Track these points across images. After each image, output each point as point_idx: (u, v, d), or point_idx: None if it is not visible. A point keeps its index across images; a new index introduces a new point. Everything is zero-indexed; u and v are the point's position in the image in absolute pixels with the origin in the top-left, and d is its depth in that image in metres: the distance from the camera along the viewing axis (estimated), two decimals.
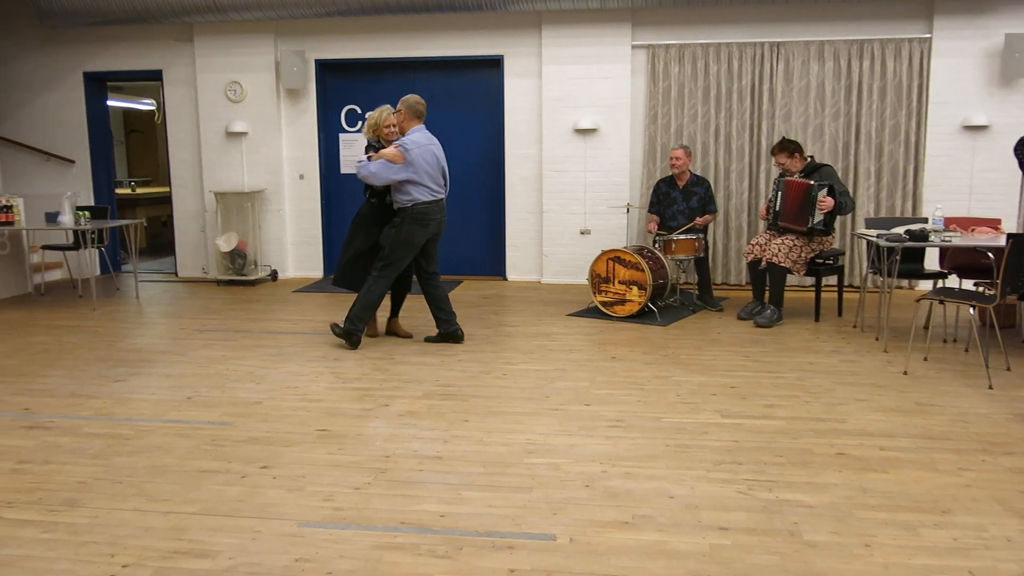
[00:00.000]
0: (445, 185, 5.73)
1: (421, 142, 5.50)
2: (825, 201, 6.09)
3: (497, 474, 3.50)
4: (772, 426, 4.09)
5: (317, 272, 8.82)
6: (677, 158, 6.89)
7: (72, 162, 9.01)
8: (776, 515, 3.10)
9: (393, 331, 6.11)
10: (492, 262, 8.71)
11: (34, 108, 9.00)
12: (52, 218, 7.27)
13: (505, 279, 8.58)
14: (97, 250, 8.90)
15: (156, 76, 8.87)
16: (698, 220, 6.89)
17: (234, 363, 5.29)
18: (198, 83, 8.61)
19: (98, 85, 9.12)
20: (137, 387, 4.77)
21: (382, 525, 3.02)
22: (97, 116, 9.10)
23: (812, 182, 6.16)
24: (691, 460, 3.66)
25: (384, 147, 5.62)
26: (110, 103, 9.66)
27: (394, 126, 5.67)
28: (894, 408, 4.37)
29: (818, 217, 6.15)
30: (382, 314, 6.33)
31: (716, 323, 6.47)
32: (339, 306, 7.24)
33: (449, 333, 5.81)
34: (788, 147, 6.41)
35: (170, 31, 8.65)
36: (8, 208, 7.20)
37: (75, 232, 7.88)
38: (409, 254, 5.60)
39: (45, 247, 8.09)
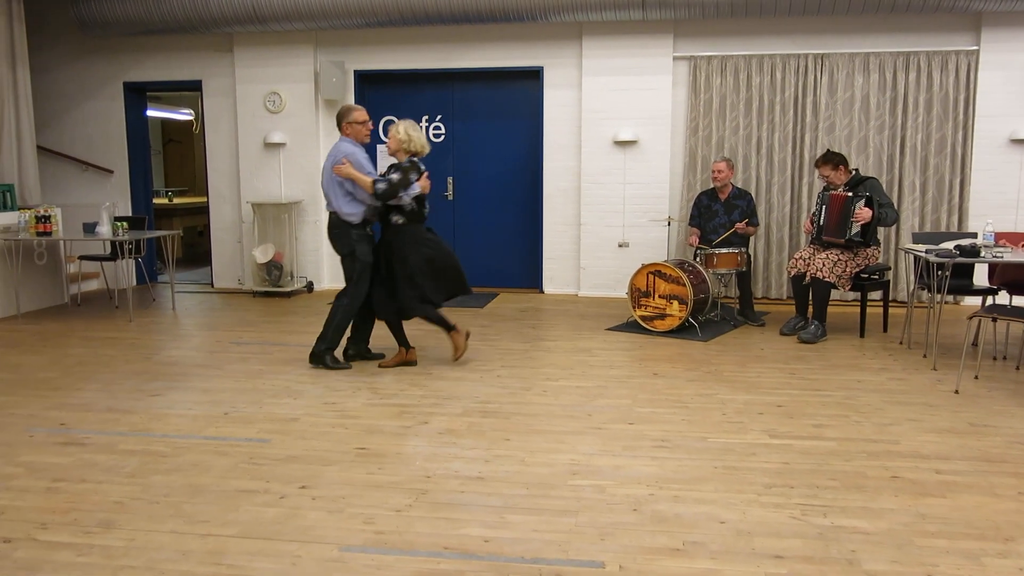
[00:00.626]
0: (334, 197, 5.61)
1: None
2: (862, 212, 5.94)
3: (541, 496, 3.40)
4: (823, 447, 3.95)
5: None
6: (720, 171, 6.76)
7: (111, 172, 9.08)
8: (833, 542, 2.96)
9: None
10: (529, 274, 8.62)
11: (74, 118, 9.09)
12: (90, 228, 7.31)
13: (542, 292, 8.48)
14: (134, 261, 8.95)
15: (196, 86, 8.92)
16: (739, 225, 6.74)
17: (271, 377, 5.25)
18: (237, 93, 8.65)
19: (137, 95, 9.20)
20: (174, 402, 4.74)
21: (425, 550, 2.94)
22: (136, 126, 9.18)
23: (850, 194, 6.02)
24: (741, 483, 3.53)
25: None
26: (149, 113, 9.73)
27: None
28: (947, 429, 4.21)
29: (855, 229, 6.01)
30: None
31: (758, 339, 6.32)
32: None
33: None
34: (832, 159, 6.26)
35: (210, 41, 8.69)
36: (47, 218, 7.24)
37: (112, 242, 7.92)
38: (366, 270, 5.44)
39: (82, 257, 8.14)
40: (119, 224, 7.29)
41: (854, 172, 6.32)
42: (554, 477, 3.60)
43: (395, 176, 5.31)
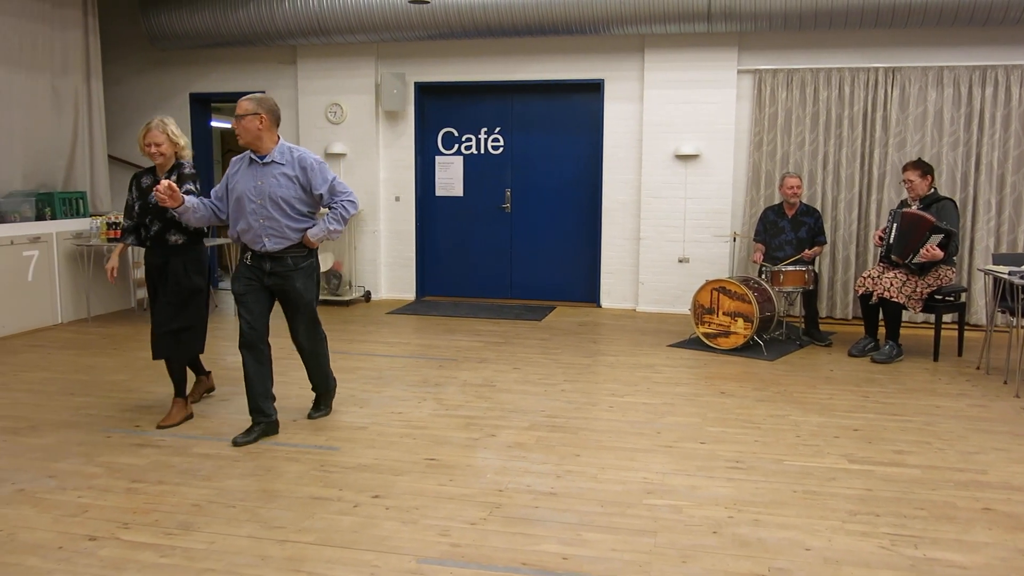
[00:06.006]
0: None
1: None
2: (933, 251, 5.78)
3: (617, 515, 3.33)
4: (906, 475, 3.81)
5: (409, 294, 8.82)
6: (796, 187, 6.64)
7: None
8: None
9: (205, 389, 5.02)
10: (586, 288, 8.55)
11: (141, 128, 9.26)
12: None
13: (599, 306, 8.41)
14: None
15: None
16: (807, 252, 6.61)
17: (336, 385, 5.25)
18: (299, 105, 8.75)
19: (203, 106, 9.37)
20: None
21: (503, 565, 2.89)
22: (201, 136, 9.34)
23: (932, 219, 5.83)
24: (823, 509, 3.42)
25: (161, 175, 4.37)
26: (212, 123, 9.90)
27: (159, 144, 4.34)
28: None
29: (916, 259, 5.86)
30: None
31: (826, 359, 6.17)
32: (433, 329, 7.18)
33: (273, 422, 4.33)
34: (922, 165, 6.08)
35: (274, 54, 8.82)
36: (117, 225, 7.40)
37: None
38: None
39: None
40: None
41: (933, 190, 6.13)
42: (628, 495, 3.53)
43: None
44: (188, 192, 4.21)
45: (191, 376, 4.77)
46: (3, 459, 3.90)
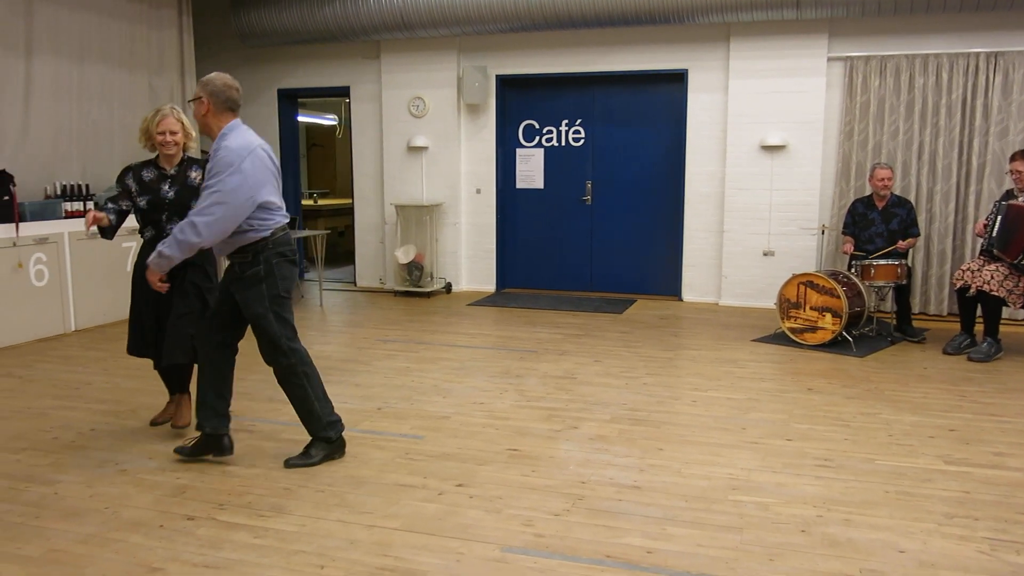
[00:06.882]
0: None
1: (251, 145, 3.54)
2: None
3: (702, 510, 3.28)
4: (1006, 477, 3.65)
5: (490, 286, 8.87)
6: (888, 178, 6.41)
7: None
8: None
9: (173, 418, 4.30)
10: (667, 281, 8.45)
11: None
12: None
13: (680, 299, 8.30)
14: None
15: (344, 92, 9.24)
16: (901, 244, 6.38)
17: (419, 375, 5.34)
18: (383, 99, 8.89)
19: (290, 101, 9.61)
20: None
21: (587, 557, 2.88)
22: (288, 131, 9.60)
23: None
24: (917, 510, 3.30)
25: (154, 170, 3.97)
26: (298, 118, 10.14)
27: (174, 133, 3.99)
28: None
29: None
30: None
31: (919, 356, 5.95)
32: (513, 321, 7.21)
33: (212, 437, 3.73)
34: None
35: (358, 49, 8.98)
36: None
37: None
38: (290, 308, 3.72)
39: None
40: None
41: None
42: (713, 491, 3.48)
43: None
44: None
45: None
46: (106, 441, 4.10)
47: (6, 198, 6.21)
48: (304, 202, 11.47)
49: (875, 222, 6.54)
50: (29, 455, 3.82)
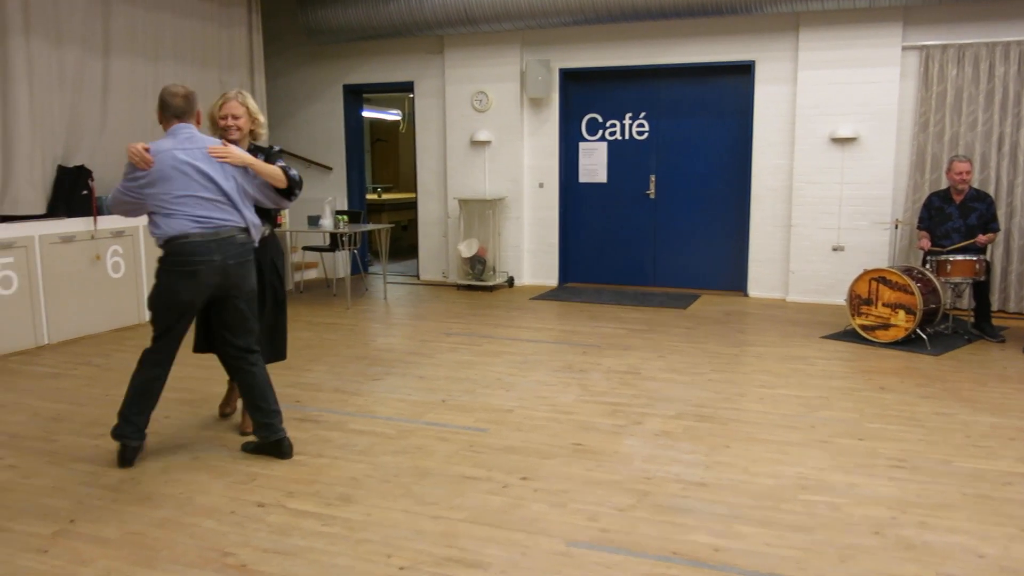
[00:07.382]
0: (235, 207, 3.68)
1: (164, 147, 3.56)
2: None
3: (770, 509, 3.22)
4: None
5: (552, 280, 8.86)
6: (966, 171, 6.19)
7: (330, 169, 9.67)
8: None
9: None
10: (733, 277, 8.31)
11: (298, 119, 9.75)
12: (314, 221, 7.81)
13: (746, 295, 8.16)
14: (349, 252, 9.47)
15: (408, 87, 9.32)
16: (980, 238, 6.15)
17: (482, 368, 5.36)
18: (446, 93, 8.93)
19: (355, 97, 9.73)
20: (394, 387, 4.94)
21: (653, 553, 2.86)
22: (353, 126, 9.73)
23: None
24: (998, 515, 3.18)
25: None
26: (363, 113, 10.27)
27: (237, 117, 3.88)
28: None
29: None
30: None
31: (999, 356, 5.73)
32: (576, 315, 7.19)
33: (271, 443, 3.76)
34: None
35: (423, 44, 9.04)
36: (277, 211, 7.78)
37: (332, 234, 8.42)
38: (172, 318, 3.62)
39: (305, 248, 8.72)
40: (340, 217, 7.73)
41: None
42: (782, 490, 3.41)
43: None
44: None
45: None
46: (180, 429, 4.22)
47: (85, 192, 6.44)
48: (368, 196, 11.61)
49: (952, 216, 6.32)
50: (107, 440, 3.94)
